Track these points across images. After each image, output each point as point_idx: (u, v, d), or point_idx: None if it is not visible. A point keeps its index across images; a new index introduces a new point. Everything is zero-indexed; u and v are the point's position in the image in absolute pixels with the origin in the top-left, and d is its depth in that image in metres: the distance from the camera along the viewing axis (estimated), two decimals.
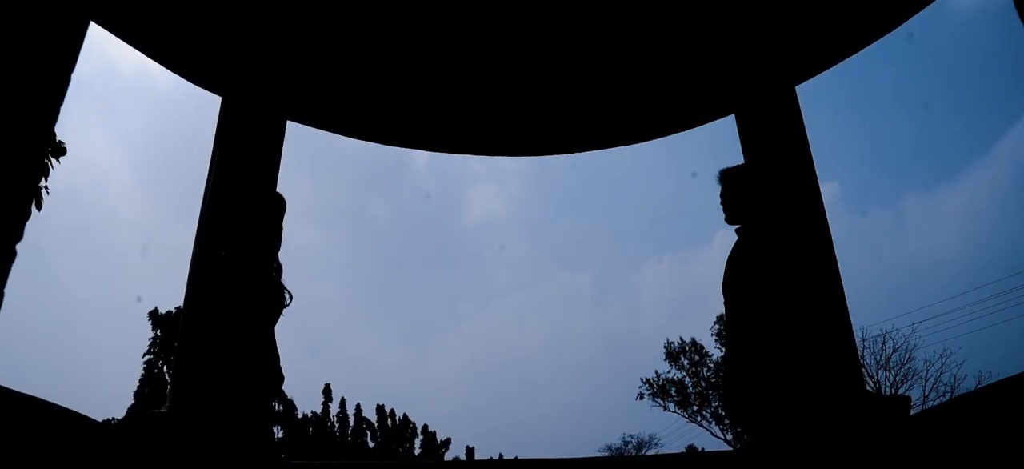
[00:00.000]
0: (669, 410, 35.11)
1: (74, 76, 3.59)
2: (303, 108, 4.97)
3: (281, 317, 3.30)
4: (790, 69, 4.70)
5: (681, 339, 36.10)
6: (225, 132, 4.58)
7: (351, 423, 36.72)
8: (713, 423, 33.49)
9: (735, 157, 4.91)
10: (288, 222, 4.24)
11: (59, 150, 5.41)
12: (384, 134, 5.23)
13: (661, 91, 5.06)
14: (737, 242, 3.28)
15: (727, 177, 3.49)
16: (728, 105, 4.94)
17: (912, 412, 3.89)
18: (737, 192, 3.40)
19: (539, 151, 5.46)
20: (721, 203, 3.43)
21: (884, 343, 27.95)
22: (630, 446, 39.41)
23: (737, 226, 3.34)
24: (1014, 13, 3.02)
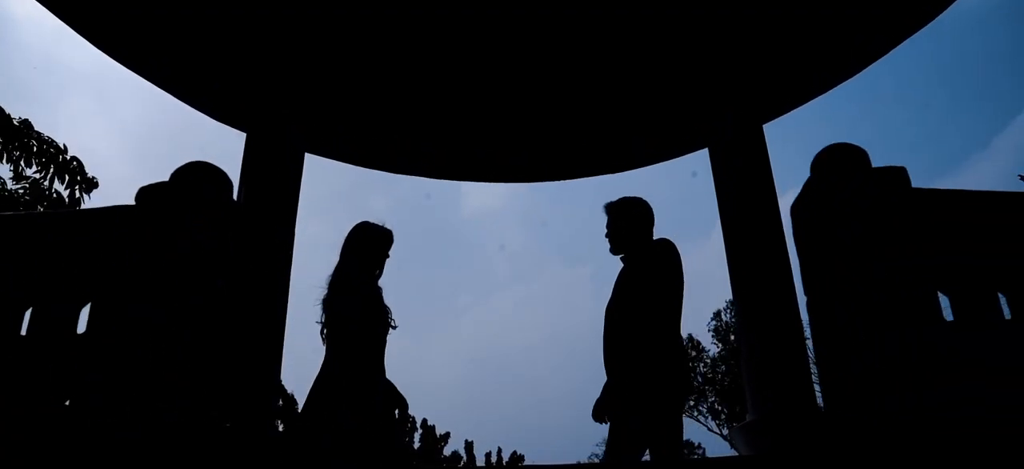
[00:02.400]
0: None
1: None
2: (320, 142, 5.49)
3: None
4: (757, 110, 5.22)
5: None
6: (250, 165, 5.09)
7: None
8: (709, 418, 33.97)
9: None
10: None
11: (91, 184, 5.87)
12: (392, 164, 5.77)
13: (644, 128, 5.59)
14: (622, 270, 3.35)
15: (612, 210, 3.48)
16: (702, 140, 5.47)
17: None
18: (621, 224, 3.42)
19: (533, 178, 5.99)
20: (606, 235, 3.47)
21: None
22: None
23: (622, 255, 3.41)
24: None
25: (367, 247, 3.32)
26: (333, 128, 5.47)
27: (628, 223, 3.38)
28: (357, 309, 3.14)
